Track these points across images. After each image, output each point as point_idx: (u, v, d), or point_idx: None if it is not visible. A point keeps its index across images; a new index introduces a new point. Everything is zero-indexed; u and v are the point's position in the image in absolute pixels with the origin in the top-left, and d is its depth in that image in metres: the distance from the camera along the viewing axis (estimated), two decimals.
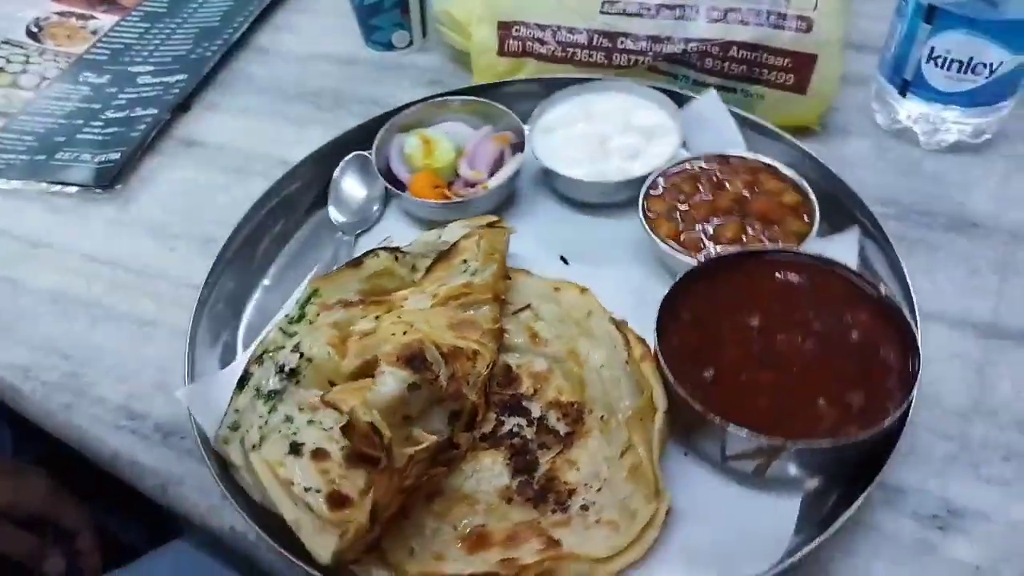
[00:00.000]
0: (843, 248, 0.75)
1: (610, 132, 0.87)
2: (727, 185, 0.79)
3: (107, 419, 0.74)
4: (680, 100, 0.89)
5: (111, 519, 0.88)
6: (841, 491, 0.62)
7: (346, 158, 0.91)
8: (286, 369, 0.68)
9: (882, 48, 0.90)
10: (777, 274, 0.68)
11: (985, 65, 0.81)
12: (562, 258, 0.83)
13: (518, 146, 0.89)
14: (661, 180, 0.81)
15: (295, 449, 0.64)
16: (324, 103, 1.07)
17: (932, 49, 0.82)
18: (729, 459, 0.62)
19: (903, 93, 0.88)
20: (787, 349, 0.63)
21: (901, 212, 0.84)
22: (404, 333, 0.65)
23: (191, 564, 0.77)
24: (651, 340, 0.65)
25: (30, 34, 1.25)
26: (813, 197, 0.76)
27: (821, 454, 0.59)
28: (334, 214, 0.89)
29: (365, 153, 0.90)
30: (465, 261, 0.75)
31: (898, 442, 0.60)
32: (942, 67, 0.83)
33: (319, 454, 0.63)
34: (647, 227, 0.77)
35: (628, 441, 0.64)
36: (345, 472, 0.62)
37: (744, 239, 0.75)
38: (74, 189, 0.98)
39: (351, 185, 0.90)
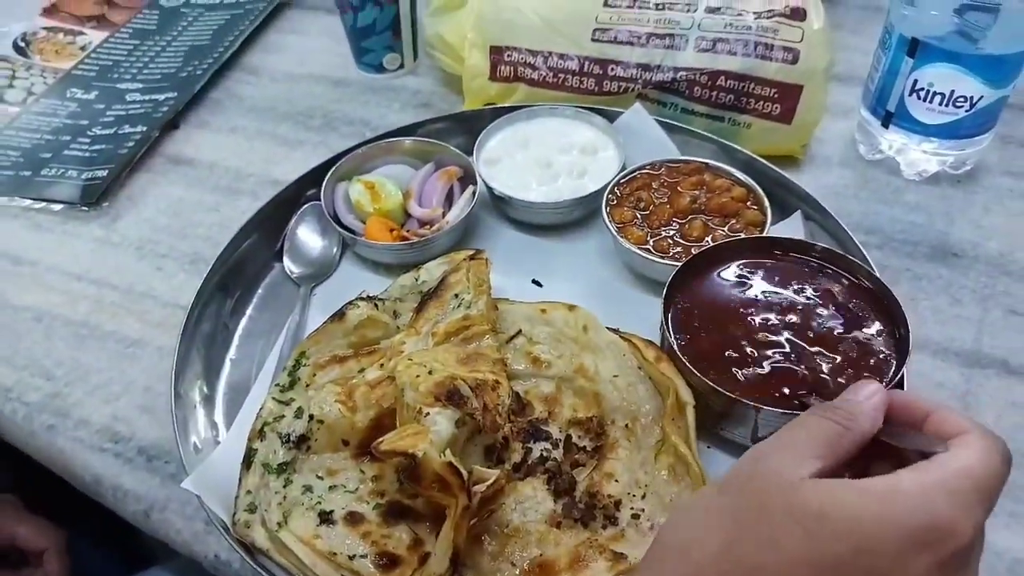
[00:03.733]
0: (792, 230, 0.82)
1: (552, 154, 0.90)
2: (679, 188, 0.84)
3: (90, 441, 0.73)
4: (606, 116, 0.92)
5: (83, 551, 0.87)
6: None
7: (301, 208, 0.89)
8: (292, 438, 0.67)
9: (865, 80, 0.92)
10: (761, 259, 0.73)
11: (966, 98, 0.83)
12: (534, 281, 0.83)
13: (465, 180, 0.90)
14: (616, 191, 0.84)
15: (325, 518, 0.62)
16: (314, 123, 1.08)
17: (915, 82, 0.84)
18: (760, 440, 0.64)
19: (886, 125, 0.90)
20: (788, 330, 0.67)
21: (883, 241, 0.86)
22: (430, 373, 0.64)
23: None
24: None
25: (17, 48, 1.24)
26: (758, 187, 0.82)
27: None
28: (289, 266, 0.86)
29: (320, 203, 0.86)
30: (456, 295, 0.74)
31: None
32: (924, 99, 0.85)
33: (353, 518, 0.62)
34: (619, 238, 0.79)
35: (660, 443, 0.65)
36: (387, 531, 0.61)
37: (711, 235, 0.80)
38: (59, 206, 0.97)
39: (307, 235, 0.88)
